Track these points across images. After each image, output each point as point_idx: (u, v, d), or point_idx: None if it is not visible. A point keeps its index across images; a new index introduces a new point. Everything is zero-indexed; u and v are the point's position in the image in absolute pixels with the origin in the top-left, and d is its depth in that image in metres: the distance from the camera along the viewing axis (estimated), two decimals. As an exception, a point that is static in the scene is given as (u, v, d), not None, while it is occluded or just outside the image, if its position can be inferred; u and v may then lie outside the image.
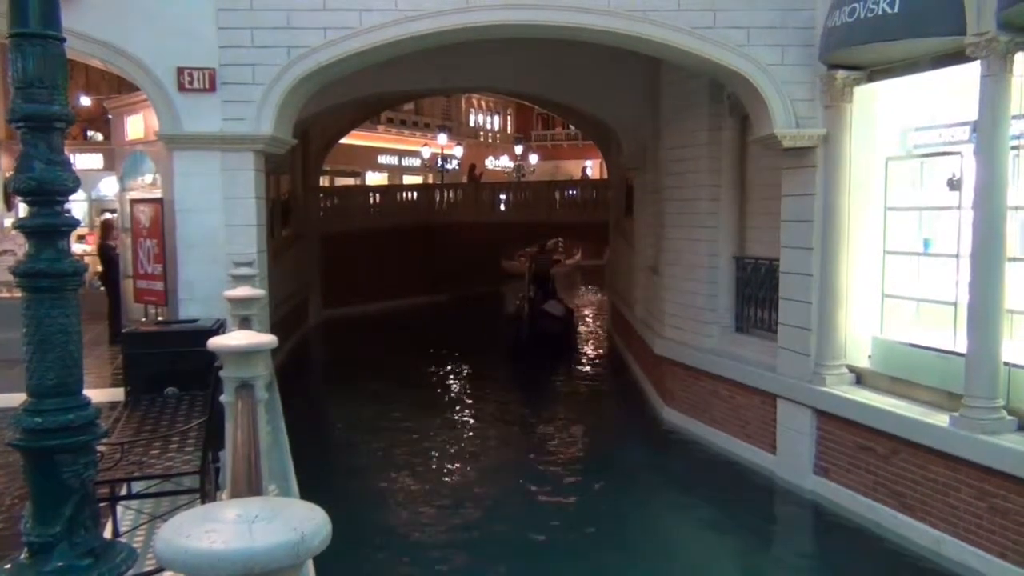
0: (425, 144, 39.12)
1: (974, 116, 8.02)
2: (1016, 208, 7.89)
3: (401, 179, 38.94)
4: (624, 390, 16.06)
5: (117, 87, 17.32)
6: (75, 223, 2.80)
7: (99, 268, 14.86)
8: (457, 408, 15.63)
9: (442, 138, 38.10)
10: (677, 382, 12.90)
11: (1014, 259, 7.90)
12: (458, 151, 41.03)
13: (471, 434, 13.81)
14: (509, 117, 54.99)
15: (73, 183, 2.64)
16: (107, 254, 13.38)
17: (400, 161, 40.45)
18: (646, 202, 15.90)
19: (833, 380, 9.63)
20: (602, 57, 13.45)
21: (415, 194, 31.12)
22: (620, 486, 10.97)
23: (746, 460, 11.00)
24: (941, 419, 8.13)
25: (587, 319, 26.48)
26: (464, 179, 37.32)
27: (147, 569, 3.88)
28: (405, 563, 8.58)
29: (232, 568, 1.40)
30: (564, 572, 8.37)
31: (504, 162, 50.58)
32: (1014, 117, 7.70)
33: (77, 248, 15.84)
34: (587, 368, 18.99)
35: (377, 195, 29.95)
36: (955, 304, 8.53)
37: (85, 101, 20.10)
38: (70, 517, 2.46)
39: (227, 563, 1.40)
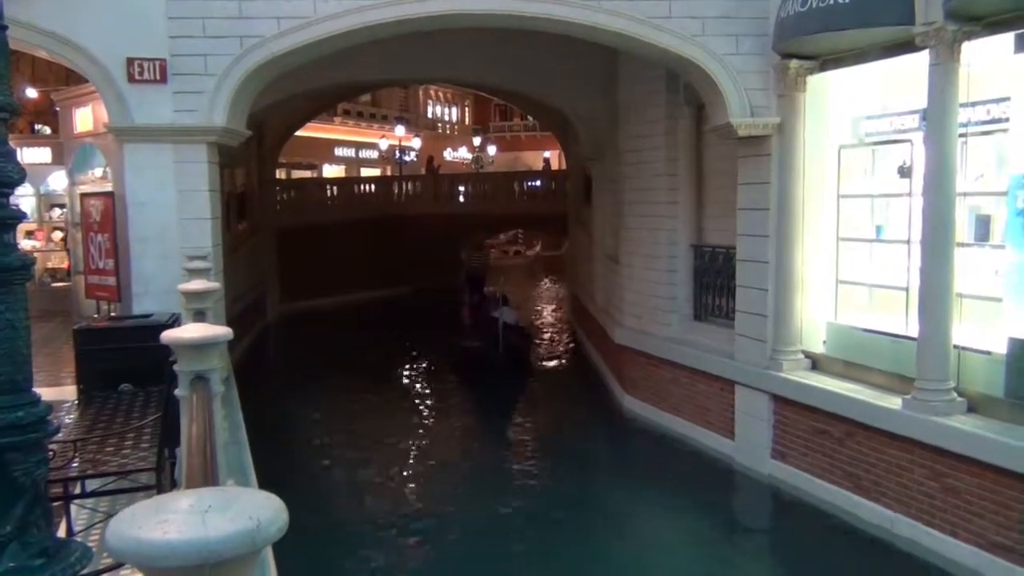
0: (383, 136, 38.86)
1: (923, 104, 8.17)
2: (964, 194, 8.05)
3: (359, 171, 38.62)
4: (585, 379, 16.13)
5: (65, 79, 16.90)
6: (21, 216, 2.73)
7: (48, 264, 14.59)
8: (417, 400, 15.59)
9: (400, 130, 37.85)
10: (637, 370, 12.99)
11: (963, 244, 8.07)
12: (416, 143, 40.81)
13: (431, 426, 13.78)
14: (467, 108, 54.82)
15: (18, 175, 2.57)
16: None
17: (357, 153, 40.11)
18: (605, 192, 15.97)
19: (789, 366, 9.78)
20: (559, 47, 13.44)
21: (373, 186, 30.91)
22: (581, 474, 11.04)
23: (705, 446, 11.12)
24: (894, 402, 8.29)
25: (547, 310, 26.54)
26: (422, 171, 37.16)
27: (102, 567, 3.81)
28: (367, 553, 8.55)
29: (186, 559, 1.37)
30: (525, 559, 8.40)
31: (463, 153, 50.43)
32: (962, 105, 7.85)
33: (26, 244, 15.49)
34: (548, 358, 19.02)
35: (335, 188, 29.70)
36: (907, 289, 8.69)
37: (31, 93, 19.56)
38: (21, 517, 2.41)
39: (181, 554, 1.37)
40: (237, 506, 1.48)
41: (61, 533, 4.26)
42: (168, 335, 3.81)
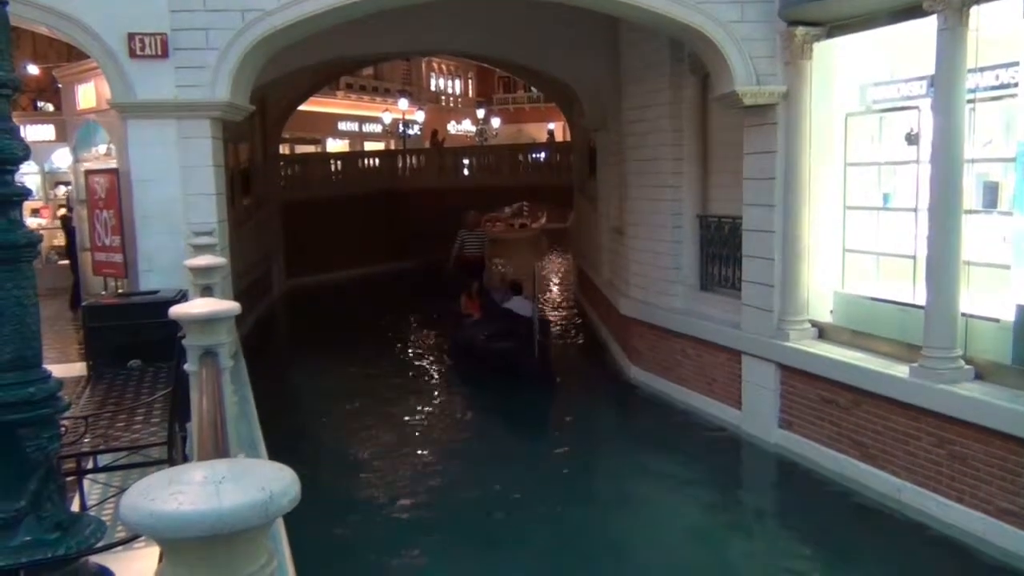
0: (386, 110, 38.67)
1: (931, 71, 8.09)
2: (972, 161, 8.00)
3: (362, 146, 38.52)
4: (591, 351, 16.16)
5: (67, 55, 16.84)
6: (27, 192, 2.74)
7: (55, 241, 14.62)
8: (424, 373, 15.62)
9: (403, 103, 37.69)
10: (643, 342, 13.00)
11: (971, 211, 8.03)
12: (420, 116, 40.67)
13: (438, 398, 13.84)
14: (470, 81, 54.53)
15: (23, 151, 2.57)
16: (68, 225, 13.28)
17: (361, 127, 39.98)
18: (609, 163, 15.90)
19: (796, 335, 9.77)
20: (561, 17, 13.33)
21: (377, 160, 30.82)
22: (587, 445, 11.09)
23: (712, 416, 11.15)
24: (901, 370, 8.29)
25: (553, 283, 26.54)
26: (426, 144, 37.03)
27: (116, 540, 3.85)
28: (376, 524, 8.62)
29: (199, 529, 1.38)
30: (534, 527, 8.45)
31: (466, 126, 50.23)
32: (970, 71, 7.77)
33: (32, 222, 15.52)
34: (554, 331, 19.03)
35: (339, 162, 29.61)
36: (914, 257, 8.66)
37: (33, 70, 19.50)
38: (35, 491, 2.43)
39: (194, 524, 1.38)
40: (249, 477, 1.49)
41: (74, 507, 4.31)
42: (176, 310, 3.82)
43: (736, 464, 10.39)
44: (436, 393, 14.22)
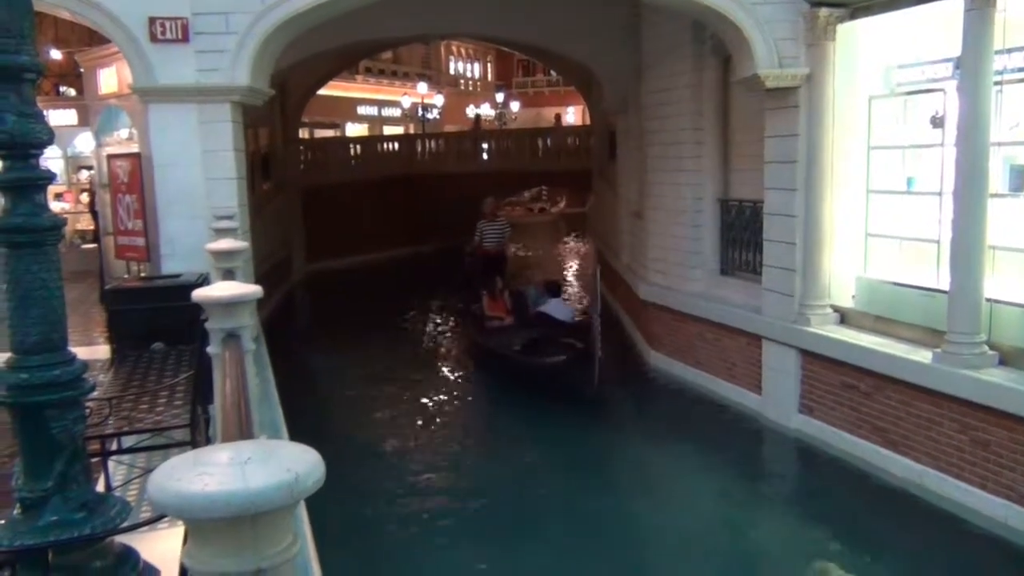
0: (405, 94, 38.63)
1: (957, 52, 7.97)
2: (998, 144, 7.88)
3: (381, 130, 38.52)
4: (610, 336, 16.07)
5: (88, 40, 16.89)
6: (51, 176, 2.76)
7: (78, 225, 14.75)
8: (443, 356, 15.66)
9: (422, 87, 37.61)
10: (663, 326, 12.96)
11: (996, 195, 7.92)
12: (439, 100, 40.56)
13: (457, 381, 13.87)
14: (489, 64, 54.32)
15: (47, 136, 2.59)
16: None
17: (380, 112, 39.97)
18: (629, 147, 15.81)
19: (817, 320, 9.70)
20: (582, 0, 13.25)
21: (396, 145, 30.83)
22: (606, 429, 11.07)
23: (732, 401, 11.12)
24: (924, 356, 8.22)
25: (572, 267, 26.49)
26: (447, 128, 36.97)
27: (141, 520, 3.90)
28: (397, 507, 8.67)
29: (226, 510, 1.39)
30: (550, 512, 8.48)
31: (485, 110, 50.08)
32: (997, 52, 7.64)
33: (56, 206, 15.66)
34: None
35: (358, 146, 29.64)
36: (938, 242, 8.57)
37: (55, 55, 19.57)
38: (61, 472, 2.46)
39: (221, 505, 1.39)
40: (275, 459, 1.50)
41: (100, 488, 4.36)
42: (199, 294, 3.85)
43: (756, 449, 10.36)
44: (456, 377, 14.24)
